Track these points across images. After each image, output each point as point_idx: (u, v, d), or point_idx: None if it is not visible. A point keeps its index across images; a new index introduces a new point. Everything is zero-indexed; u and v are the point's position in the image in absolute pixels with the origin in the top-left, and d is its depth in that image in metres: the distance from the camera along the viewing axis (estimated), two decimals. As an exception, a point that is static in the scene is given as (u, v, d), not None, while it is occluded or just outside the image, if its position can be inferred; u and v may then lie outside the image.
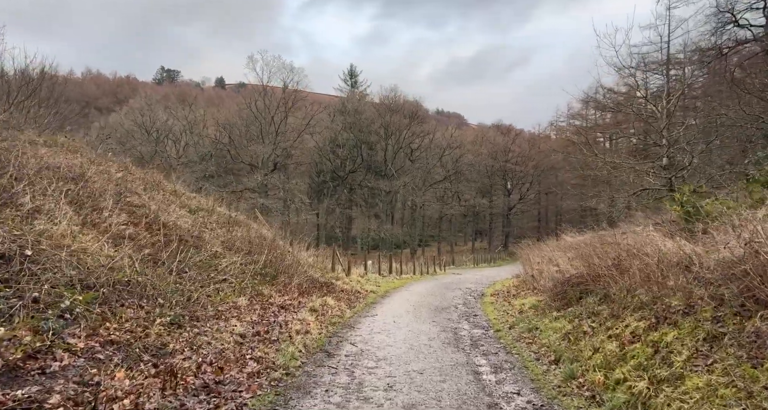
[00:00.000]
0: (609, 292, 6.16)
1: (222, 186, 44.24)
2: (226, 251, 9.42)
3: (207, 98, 77.57)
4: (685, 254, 4.89)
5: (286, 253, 10.91)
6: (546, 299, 9.29)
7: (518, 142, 62.02)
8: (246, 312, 6.93)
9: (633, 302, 5.22)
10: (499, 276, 24.02)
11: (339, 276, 14.25)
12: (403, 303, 11.40)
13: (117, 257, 5.59)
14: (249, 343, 5.75)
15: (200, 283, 6.88)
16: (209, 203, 13.62)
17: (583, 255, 11.57)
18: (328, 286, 11.65)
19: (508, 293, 13.39)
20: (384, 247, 47.68)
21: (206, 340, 5.29)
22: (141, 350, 4.32)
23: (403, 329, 8.00)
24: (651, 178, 14.64)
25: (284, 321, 7.16)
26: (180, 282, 6.29)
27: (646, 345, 4.23)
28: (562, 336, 5.98)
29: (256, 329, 6.32)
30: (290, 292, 9.25)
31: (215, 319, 6.07)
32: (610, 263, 6.55)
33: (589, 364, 4.79)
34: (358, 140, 52.56)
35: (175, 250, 7.28)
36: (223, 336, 5.62)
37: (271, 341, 6.05)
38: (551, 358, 5.70)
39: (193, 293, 6.11)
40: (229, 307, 6.79)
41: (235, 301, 7.13)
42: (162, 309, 5.24)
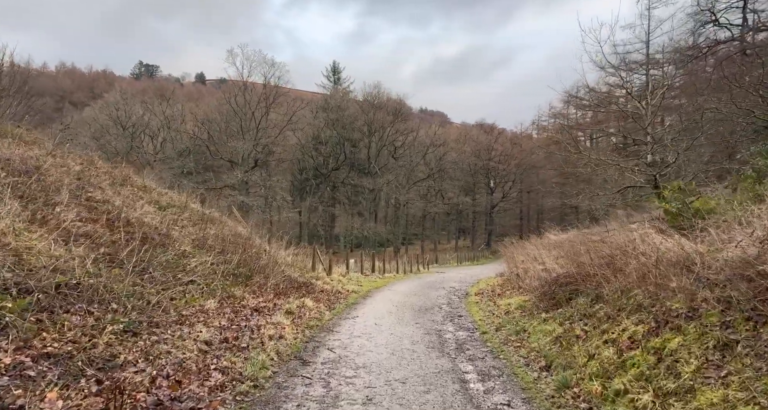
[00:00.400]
0: (601, 293, 5.84)
1: (200, 183, 43.16)
2: (196, 250, 8.85)
3: (187, 94, 75.86)
4: (685, 253, 4.57)
5: (262, 252, 10.36)
6: (533, 299, 8.97)
7: (501, 140, 62.21)
8: (214, 316, 6.40)
9: (629, 304, 4.89)
10: (483, 275, 23.79)
11: (319, 276, 13.76)
12: (386, 304, 10.98)
13: (65, 256, 5.01)
14: (215, 351, 5.24)
15: (164, 285, 6.33)
16: (182, 199, 12.97)
17: (570, 254, 11.33)
18: (307, 286, 11.15)
19: (493, 292, 13.09)
20: (367, 245, 47.21)
21: (166, 349, 4.76)
22: (84, 363, 3.78)
23: (384, 332, 7.57)
24: (635, 175, 14.53)
25: (257, 325, 6.65)
26: (139, 284, 5.73)
27: (647, 352, 3.89)
28: (552, 340, 5.63)
29: (225, 335, 5.81)
30: (265, 293, 8.73)
31: (178, 325, 5.54)
32: (603, 262, 6.23)
33: (584, 372, 4.43)
34: (341, 137, 51.92)
35: (138, 249, 6.70)
36: (186, 343, 5.09)
37: (240, 348, 5.55)
38: (542, 364, 5.34)
39: (153, 297, 5.56)
40: (195, 311, 6.25)
41: (203, 304, 6.60)
42: (115, 314, 4.69)
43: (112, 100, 47.44)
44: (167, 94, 50.53)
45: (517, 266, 15.59)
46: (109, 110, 45.91)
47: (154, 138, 48.44)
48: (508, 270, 16.35)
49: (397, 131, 53.35)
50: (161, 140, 48.38)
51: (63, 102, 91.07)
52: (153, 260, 7.09)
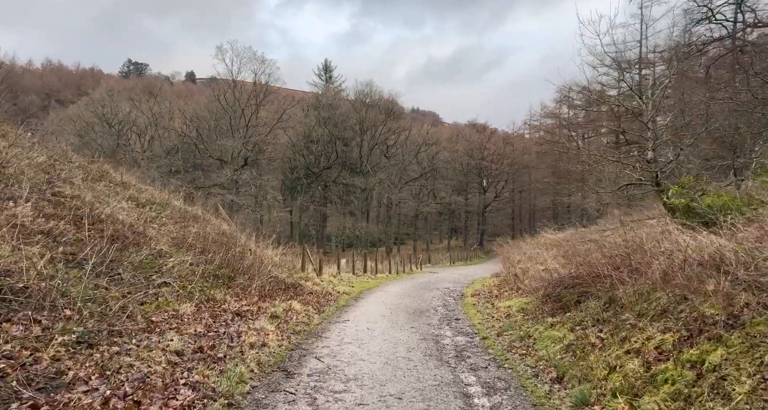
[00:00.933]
0: (615, 296, 5.32)
1: (189, 182, 42.25)
2: (175, 249, 8.21)
3: (176, 92, 74.63)
4: (719, 252, 4.07)
5: (246, 251, 9.74)
6: (535, 302, 8.45)
7: (493, 140, 61.92)
8: (190, 322, 5.79)
9: (651, 309, 4.37)
10: (477, 275, 23.33)
11: (309, 277, 13.15)
12: (379, 306, 10.41)
13: (12, 257, 4.38)
14: (187, 363, 4.63)
15: (133, 288, 5.70)
16: (164, 196, 12.30)
17: (571, 253, 10.86)
18: (295, 288, 10.55)
19: (490, 293, 12.58)
20: (359, 245, 46.60)
21: (128, 362, 4.15)
22: (21, 383, 3.17)
23: (377, 338, 7.00)
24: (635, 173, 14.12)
25: (237, 331, 6.05)
26: (102, 287, 5.10)
27: (682, 365, 3.37)
28: (563, 348, 5.10)
29: (200, 343, 5.20)
30: (249, 296, 8.12)
31: (146, 333, 4.92)
32: (618, 261, 5.72)
33: (605, 386, 3.90)
34: (332, 135, 51.24)
35: (106, 248, 6.07)
36: (153, 354, 4.48)
37: (216, 359, 4.95)
38: (553, 375, 4.81)
39: (118, 301, 4.94)
40: (167, 317, 5.64)
41: (177, 309, 5.98)
42: (67, 322, 4.07)
43: (98, 97, 46.30)
44: (155, 91, 49.38)
45: (514, 266, 15.11)
46: (94, 107, 44.78)
47: (142, 136, 47.42)
48: (505, 271, 15.86)
49: (390, 129, 52.79)
50: (149, 138, 47.37)
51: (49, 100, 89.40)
52: (123, 261, 6.47)
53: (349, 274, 17.96)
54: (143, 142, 47.56)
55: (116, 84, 64.15)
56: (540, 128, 71.34)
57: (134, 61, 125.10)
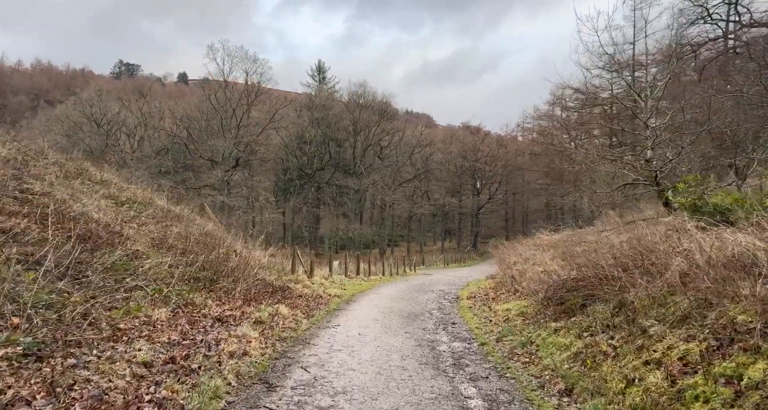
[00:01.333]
0: (625, 299, 4.91)
1: (179, 183, 41.53)
2: (153, 250, 7.71)
3: (168, 93, 73.66)
4: (747, 252, 3.67)
5: (231, 253, 9.24)
6: (535, 305, 8.04)
7: (487, 142, 61.74)
8: (163, 329, 5.30)
9: (669, 314, 3.96)
10: (472, 277, 22.95)
11: (299, 279, 12.65)
12: (371, 310, 9.95)
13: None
14: (155, 376, 4.14)
15: (102, 291, 5.21)
16: (147, 194, 11.78)
17: (573, 254, 10.48)
18: (283, 291, 10.06)
19: (486, 296, 12.16)
20: (352, 247, 46.09)
21: (84, 376, 3.66)
22: (-55, 406, 2.69)
23: (370, 344, 6.54)
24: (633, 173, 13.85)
25: (216, 339, 5.56)
26: (64, 291, 4.60)
27: (715, 380, 2.95)
28: (571, 357, 4.67)
29: (173, 353, 4.72)
30: (233, 300, 7.63)
31: (111, 342, 4.43)
32: (629, 263, 5.31)
33: (622, 402, 3.48)
34: (325, 136, 50.72)
35: (73, 248, 5.57)
36: (116, 367, 4.00)
37: (189, 370, 4.46)
38: (560, 386, 4.37)
39: (79, 306, 4.45)
40: (139, 323, 5.14)
41: (151, 314, 5.48)
42: (13, 332, 3.58)
43: (87, 96, 45.45)
44: (144, 90, 48.61)
45: (510, 268, 14.72)
46: (82, 107, 43.94)
47: (131, 136, 46.63)
48: (501, 272, 15.47)
49: (383, 130, 52.37)
50: (138, 139, 46.59)
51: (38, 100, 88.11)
52: (94, 262, 5.97)
53: (341, 276, 17.47)
54: (132, 142, 46.79)
55: (107, 85, 63.20)
56: (533, 130, 71.47)
57: (126, 62, 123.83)
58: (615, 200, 13.87)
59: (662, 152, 13.13)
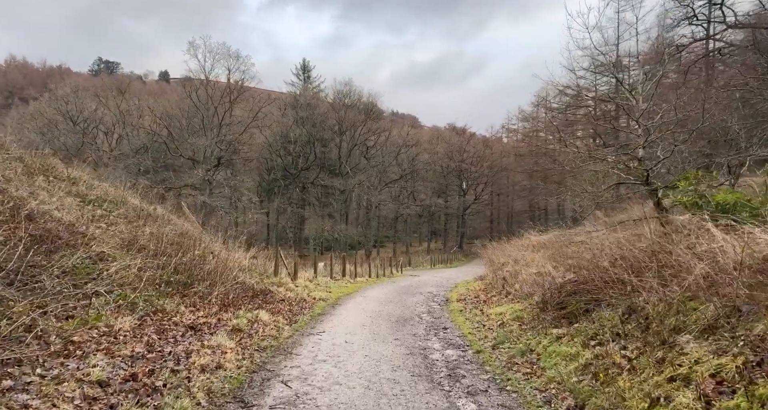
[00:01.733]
0: (635, 304, 4.53)
1: (159, 182, 40.38)
2: (122, 252, 7.10)
3: (149, 92, 71.99)
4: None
5: (208, 254, 8.65)
6: (530, 309, 7.66)
7: (473, 142, 61.79)
8: (127, 341, 4.73)
9: (691, 323, 3.57)
10: (459, 278, 22.63)
11: (282, 282, 12.09)
12: (358, 314, 9.46)
13: None
14: (111, 397, 3.59)
15: (56, 298, 4.62)
16: (119, 193, 11.10)
17: (567, 255, 10.16)
18: (265, 295, 9.50)
19: (477, 298, 11.78)
20: (338, 248, 45.45)
21: (22, 401, 3.11)
22: None
23: (357, 353, 6.05)
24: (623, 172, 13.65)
25: (187, 350, 5.01)
26: (7, 299, 4.01)
27: (761, 403, 2.55)
28: (579, 368, 4.25)
29: (134, 369, 4.16)
30: (209, 305, 7.06)
31: (62, 358, 3.86)
32: (641, 265, 4.94)
33: (646, 423, 3.06)
34: (311, 136, 49.98)
35: (26, 249, 4.97)
36: (65, 388, 3.44)
37: (153, 389, 3.92)
38: (569, 403, 3.95)
39: (21, 317, 3.86)
40: (97, 335, 4.57)
41: (113, 324, 4.91)
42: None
43: (62, 93, 43.95)
44: (123, 87, 47.25)
45: (500, 269, 14.39)
46: (57, 104, 42.47)
47: (109, 134, 45.26)
48: (491, 274, 15.13)
49: (369, 130, 51.83)
50: (117, 137, 45.23)
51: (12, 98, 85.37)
52: (51, 265, 5.36)
53: (326, 278, 16.93)
54: (111, 141, 45.43)
55: (84, 82, 61.38)
56: (518, 132, 71.90)
57: (105, 60, 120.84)
58: (607, 199, 13.62)
59: (653, 151, 12.94)
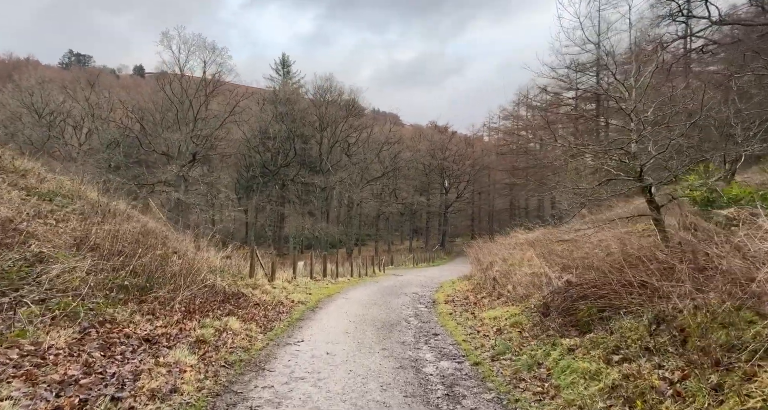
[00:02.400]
0: (664, 313, 3.90)
1: (131, 178, 38.70)
2: (68, 251, 6.17)
3: (123, 86, 69.36)
4: None
5: (171, 254, 7.74)
6: (529, 313, 7.03)
7: (455, 140, 61.55)
8: (59, 361, 3.87)
9: (749, 340, 2.93)
10: (443, 277, 22.02)
11: (258, 283, 11.22)
12: (341, 319, 8.69)
13: None
14: (21, 443, 2.76)
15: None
16: (76, 186, 10.06)
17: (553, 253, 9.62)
18: (237, 298, 8.64)
19: (467, 300, 11.14)
20: (318, 246, 44.47)
21: None
22: None
23: (340, 368, 5.30)
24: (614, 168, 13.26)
25: (136, 370, 4.17)
26: None
27: None
28: (606, 390, 3.58)
29: (61, 400, 3.32)
30: (171, 313, 6.19)
31: (-39, 390, 3.00)
32: (665, 266, 4.32)
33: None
34: (290, 131, 48.75)
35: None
36: (-46, 434, 2.59)
37: (82, 427, 3.09)
38: (597, 433, 3.29)
39: None
40: (18, 355, 3.70)
41: (42, 340, 4.03)
42: None
43: (26, 84, 41.73)
44: (92, 79, 45.18)
45: (489, 268, 13.81)
46: (21, 96, 40.27)
47: (78, 128, 43.23)
48: (479, 274, 14.54)
49: (351, 126, 50.91)
50: (86, 131, 43.22)
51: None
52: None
53: (306, 279, 16.09)
54: (80, 135, 43.40)
55: (54, 75, 58.65)
56: (499, 130, 72.09)
57: (76, 53, 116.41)
58: (601, 196, 13.18)
59: (645, 146, 12.54)
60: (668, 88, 14.25)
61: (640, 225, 14.97)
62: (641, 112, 12.77)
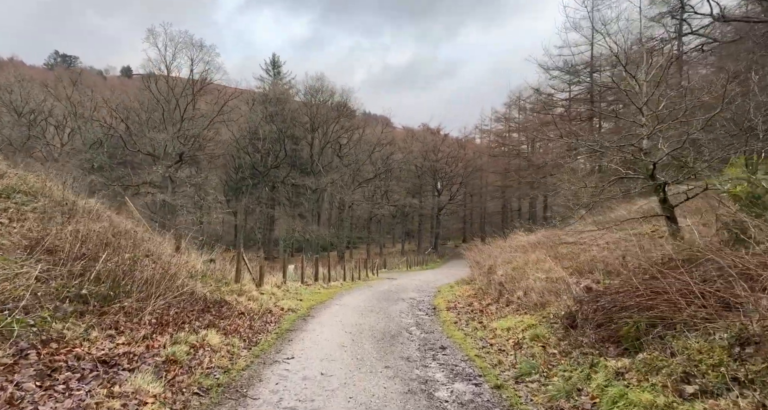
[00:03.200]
0: (745, 332, 3.11)
1: (115, 180, 37.40)
2: (15, 254, 5.24)
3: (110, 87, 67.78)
4: None
5: (143, 257, 6.80)
6: (550, 325, 6.23)
7: (447, 142, 60.96)
8: (-27, 399, 2.96)
9: None
10: (439, 281, 21.16)
11: (244, 289, 10.29)
12: (335, 329, 7.81)
13: None
14: None
15: None
16: (39, 182, 9.09)
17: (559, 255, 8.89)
18: (220, 307, 7.72)
19: (471, 307, 10.32)
20: (309, 249, 43.43)
21: None
22: None
23: (338, 393, 4.43)
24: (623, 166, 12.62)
25: (79, 406, 3.27)
26: None
27: None
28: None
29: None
30: (138, 326, 5.28)
31: None
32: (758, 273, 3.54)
33: None
34: (281, 132, 47.71)
35: None
36: None
37: None
38: None
39: None
40: None
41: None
42: None
43: (5, 82, 40.23)
44: (74, 77, 43.77)
45: (492, 272, 13.02)
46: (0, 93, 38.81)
47: (60, 128, 41.81)
48: (481, 277, 13.72)
49: (342, 127, 50.01)
50: (69, 131, 41.81)
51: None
52: None
53: (297, 283, 15.17)
54: (62, 135, 41.99)
55: (39, 75, 56.95)
56: (491, 132, 71.68)
57: (62, 54, 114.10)
58: (615, 194, 12.49)
59: (654, 142, 11.88)
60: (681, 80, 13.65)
61: (647, 227, 14.32)
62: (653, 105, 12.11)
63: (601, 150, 12.59)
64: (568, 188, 16.97)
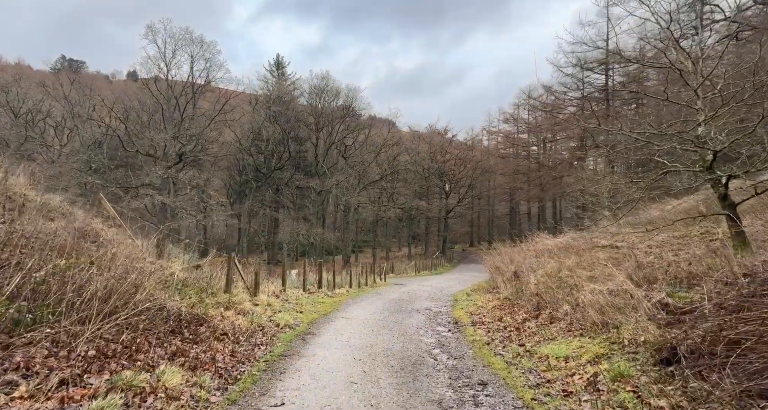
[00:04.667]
0: None
1: (113, 181, 36.10)
2: None
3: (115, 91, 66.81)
4: None
5: (85, 263, 5.22)
6: (628, 355, 4.62)
7: (455, 144, 59.36)
8: None
9: None
10: (452, 288, 19.50)
11: (235, 301, 8.74)
12: (341, 355, 6.23)
13: None
14: None
15: None
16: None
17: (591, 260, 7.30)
18: (198, 325, 6.17)
19: (501, 322, 8.69)
20: (314, 253, 41.94)
21: None
22: None
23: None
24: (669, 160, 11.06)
25: None
26: None
27: None
28: None
29: None
30: (66, 363, 3.73)
31: None
32: None
33: None
34: (284, 133, 46.32)
35: None
36: None
37: None
38: None
39: None
40: None
41: None
42: None
43: (1, 82, 39.19)
44: (71, 77, 42.68)
45: (516, 279, 11.42)
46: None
47: (58, 128, 40.68)
48: (506, 285, 12.07)
49: (348, 127, 48.55)
50: (67, 132, 40.66)
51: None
52: None
53: (298, 291, 13.63)
54: (61, 136, 40.87)
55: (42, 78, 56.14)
56: (499, 133, 70.02)
57: (69, 58, 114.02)
58: (671, 187, 10.89)
59: (709, 130, 10.25)
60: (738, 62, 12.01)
61: (694, 228, 12.65)
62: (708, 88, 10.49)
63: (648, 140, 10.97)
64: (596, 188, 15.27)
